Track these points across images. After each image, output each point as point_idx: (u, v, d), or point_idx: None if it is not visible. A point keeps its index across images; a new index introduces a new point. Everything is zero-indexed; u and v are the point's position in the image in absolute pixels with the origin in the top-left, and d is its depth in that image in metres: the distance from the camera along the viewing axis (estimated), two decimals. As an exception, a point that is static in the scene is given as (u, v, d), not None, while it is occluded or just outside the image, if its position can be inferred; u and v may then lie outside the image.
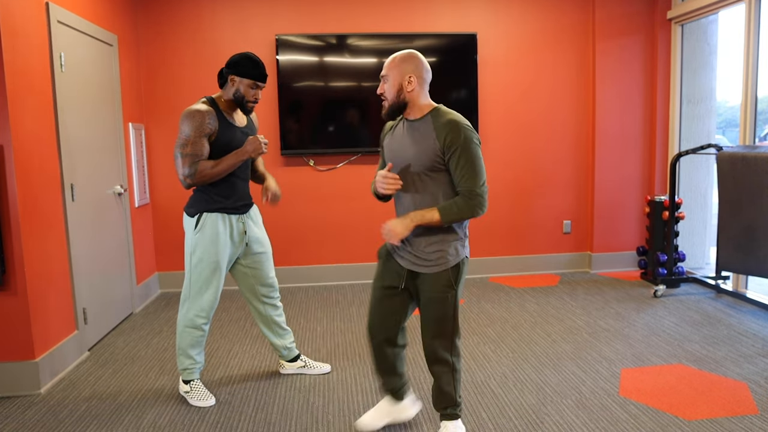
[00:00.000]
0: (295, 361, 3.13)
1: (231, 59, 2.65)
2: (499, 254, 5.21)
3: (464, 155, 2.04)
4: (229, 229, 2.73)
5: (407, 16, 4.87)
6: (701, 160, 5.11)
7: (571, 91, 5.11)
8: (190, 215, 2.71)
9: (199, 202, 2.69)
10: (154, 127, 4.76)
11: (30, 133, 2.98)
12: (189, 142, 2.56)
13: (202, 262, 2.69)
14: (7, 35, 2.80)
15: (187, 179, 2.59)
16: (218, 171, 2.62)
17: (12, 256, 2.87)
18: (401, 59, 2.11)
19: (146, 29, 4.68)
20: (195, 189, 2.73)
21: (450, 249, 2.15)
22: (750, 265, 3.75)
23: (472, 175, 2.05)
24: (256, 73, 2.64)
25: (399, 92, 2.11)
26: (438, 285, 2.16)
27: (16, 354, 2.93)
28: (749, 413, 2.56)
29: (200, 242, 2.68)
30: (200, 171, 2.59)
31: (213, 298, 2.75)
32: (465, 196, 2.07)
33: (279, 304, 3.04)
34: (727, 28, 5.01)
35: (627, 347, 3.38)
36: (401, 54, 2.13)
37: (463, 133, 2.03)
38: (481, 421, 2.56)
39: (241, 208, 2.78)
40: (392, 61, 2.12)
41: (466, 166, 2.04)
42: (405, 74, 2.10)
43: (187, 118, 2.56)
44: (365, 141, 4.83)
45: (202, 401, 2.79)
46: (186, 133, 2.56)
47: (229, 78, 2.65)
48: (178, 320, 2.79)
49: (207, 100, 2.66)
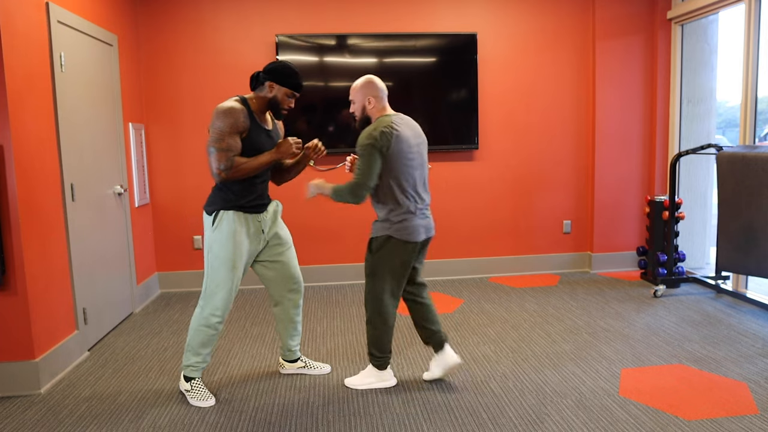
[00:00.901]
0: (296, 362, 3.13)
1: (270, 66, 2.70)
2: (499, 254, 5.21)
3: (359, 154, 2.68)
4: (246, 227, 2.76)
5: (407, 16, 4.87)
6: (701, 160, 5.11)
7: (571, 91, 5.11)
8: (209, 213, 2.75)
9: (217, 201, 2.73)
10: (154, 127, 4.76)
11: (30, 133, 2.98)
12: (224, 137, 2.60)
13: (218, 259, 2.72)
14: (7, 35, 2.80)
15: (222, 173, 2.62)
16: (252, 167, 2.67)
17: (12, 256, 2.87)
18: (361, 86, 2.78)
19: (146, 29, 4.68)
20: (214, 187, 2.77)
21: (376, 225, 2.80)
22: (750, 265, 3.75)
23: (357, 169, 2.67)
24: (295, 83, 2.73)
25: (363, 110, 2.81)
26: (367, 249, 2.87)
27: (16, 354, 2.93)
28: (749, 413, 2.56)
29: (217, 239, 2.71)
30: (236, 166, 2.63)
31: (228, 297, 2.76)
32: (350, 183, 2.69)
33: (300, 303, 3.06)
34: (727, 28, 5.01)
35: (627, 347, 3.38)
36: (361, 81, 2.78)
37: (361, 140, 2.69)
38: (481, 421, 2.57)
39: (259, 207, 2.81)
40: (355, 88, 2.79)
41: (358, 162, 2.69)
42: (365, 97, 2.77)
43: (222, 114, 2.60)
44: (365, 141, 4.82)
45: (202, 401, 2.79)
46: (221, 128, 2.60)
47: (268, 84, 2.70)
48: (192, 317, 2.80)
49: (240, 99, 2.71)
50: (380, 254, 2.77)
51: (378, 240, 2.78)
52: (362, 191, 2.66)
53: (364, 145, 2.66)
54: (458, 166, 5.05)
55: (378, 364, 2.90)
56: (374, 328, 2.85)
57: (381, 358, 2.89)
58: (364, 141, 2.66)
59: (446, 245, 5.14)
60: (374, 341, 2.87)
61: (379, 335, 2.84)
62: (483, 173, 5.09)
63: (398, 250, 2.74)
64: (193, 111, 4.78)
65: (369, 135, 2.66)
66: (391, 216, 2.74)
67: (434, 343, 2.93)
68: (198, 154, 4.82)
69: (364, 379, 2.93)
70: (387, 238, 2.75)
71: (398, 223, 2.73)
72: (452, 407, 2.70)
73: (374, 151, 2.64)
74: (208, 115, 4.78)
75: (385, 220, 2.76)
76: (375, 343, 2.87)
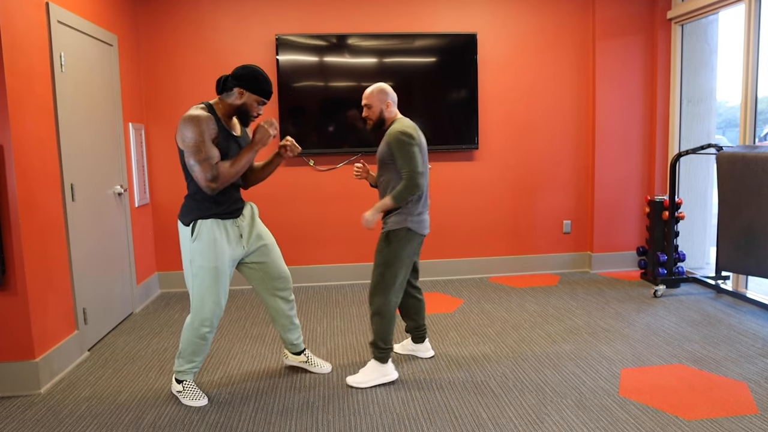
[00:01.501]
0: (299, 354, 3.15)
1: (240, 72, 2.60)
2: (499, 254, 5.21)
3: (397, 151, 2.83)
4: (225, 234, 2.69)
5: (407, 16, 4.87)
6: (701, 160, 5.11)
7: (571, 91, 5.11)
8: (185, 224, 2.66)
9: (192, 210, 2.65)
10: (154, 127, 4.76)
11: (30, 133, 2.98)
12: (200, 148, 2.49)
13: (203, 269, 2.65)
14: (7, 35, 2.80)
15: (211, 184, 2.53)
16: (238, 169, 2.59)
17: (12, 256, 2.87)
18: (379, 92, 2.96)
19: (146, 29, 4.68)
20: (186, 196, 2.69)
21: (393, 218, 2.92)
22: (750, 265, 3.75)
23: (404, 165, 2.81)
24: (266, 90, 2.63)
25: (380, 114, 2.98)
26: (379, 241, 2.98)
27: (16, 354, 2.93)
28: (749, 413, 2.56)
29: (198, 250, 2.64)
30: (222, 173, 2.55)
31: (216, 306, 2.71)
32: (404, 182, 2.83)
33: (291, 297, 3.03)
34: (727, 28, 5.02)
35: (627, 347, 3.38)
36: (377, 87, 2.96)
37: (395, 138, 2.84)
38: (481, 421, 2.57)
39: (235, 212, 2.74)
40: (372, 93, 2.96)
41: (400, 159, 2.83)
42: (384, 101, 2.96)
43: (189, 124, 2.48)
44: (365, 141, 4.83)
45: (194, 401, 2.80)
46: (193, 138, 2.48)
47: (237, 90, 2.61)
48: (184, 327, 2.78)
49: (205, 106, 2.60)
50: (397, 246, 2.89)
51: (397, 232, 2.89)
52: (419, 179, 2.81)
53: (400, 140, 2.81)
54: (458, 166, 5.05)
55: (381, 357, 2.96)
56: (381, 319, 2.92)
57: (385, 350, 2.95)
58: (400, 137, 2.81)
59: (446, 245, 5.14)
60: (381, 333, 2.93)
61: (386, 326, 2.93)
62: (483, 173, 5.09)
63: (413, 241, 2.92)
64: (193, 111, 4.77)
65: (402, 132, 2.81)
66: (411, 209, 2.90)
67: (418, 336, 3.29)
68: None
69: (367, 376, 2.96)
70: (406, 230, 2.89)
71: (417, 216, 2.92)
72: (452, 407, 2.70)
73: (413, 144, 2.82)
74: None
75: (402, 213, 2.89)
76: (381, 334, 2.93)
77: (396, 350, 3.40)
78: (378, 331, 2.93)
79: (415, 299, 3.23)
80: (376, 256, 2.95)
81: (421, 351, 3.33)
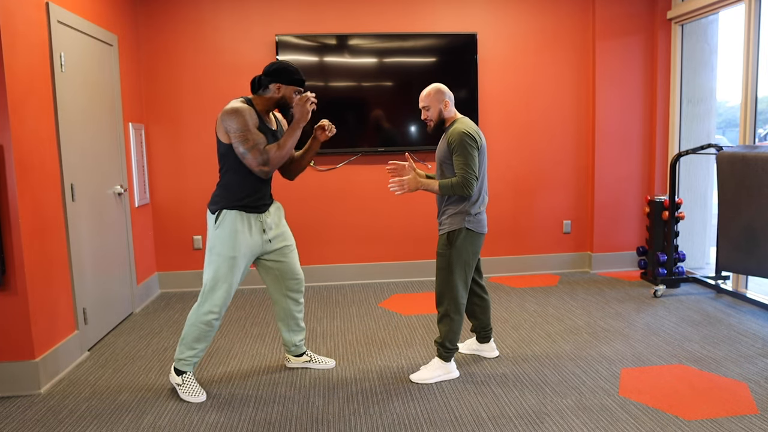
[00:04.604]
0: (301, 356, 3.16)
1: (273, 67, 2.72)
2: (499, 254, 5.21)
3: (457, 152, 2.83)
4: (248, 226, 2.77)
5: (407, 16, 4.87)
6: (701, 160, 5.11)
7: (571, 91, 5.11)
8: (212, 212, 2.77)
9: (220, 200, 2.75)
10: (154, 127, 4.76)
11: (30, 133, 2.98)
12: (246, 136, 2.62)
13: (220, 256, 2.73)
14: (7, 35, 2.80)
15: (264, 168, 2.66)
16: (286, 150, 2.70)
17: (12, 256, 2.87)
18: (435, 92, 2.93)
19: (146, 29, 4.68)
20: (218, 185, 2.78)
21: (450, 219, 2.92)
22: (750, 265, 3.75)
23: (462, 165, 2.81)
24: (299, 80, 2.77)
25: (440, 114, 2.95)
26: (440, 243, 2.97)
27: (16, 354, 2.94)
28: (749, 413, 2.56)
29: (219, 237, 2.73)
30: (272, 156, 2.67)
31: (226, 295, 2.77)
32: (458, 179, 2.83)
33: (302, 300, 3.09)
34: (727, 28, 5.01)
35: (627, 347, 3.38)
36: (433, 88, 2.94)
37: (457, 139, 2.84)
38: (481, 421, 2.57)
39: (261, 207, 2.83)
40: (429, 95, 2.94)
41: (459, 159, 2.83)
42: (441, 101, 2.93)
43: (233, 115, 2.60)
44: (365, 141, 4.83)
45: (194, 396, 2.81)
46: (239, 129, 2.61)
47: (273, 86, 2.73)
48: (190, 312, 2.81)
49: (244, 100, 2.73)
50: (460, 246, 2.89)
51: (458, 233, 2.89)
52: (472, 182, 2.80)
53: (462, 141, 2.80)
54: (458, 166, 5.05)
55: (448, 356, 2.98)
56: (451, 321, 2.92)
57: (452, 350, 2.98)
58: (462, 138, 2.81)
59: (446, 245, 5.13)
60: (449, 335, 2.94)
61: (456, 328, 2.94)
62: (483, 173, 5.09)
63: (475, 241, 2.93)
64: (193, 111, 4.78)
65: (464, 133, 2.81)
66: (470, 208, 2.90)
67: (484, 335, 3.26)
68: (198, 154, 4.82)
69: (432, 372, 2.99)
70: (466, 230, 2.90)
71: (476, 215, 2.92)
72: (452, 407, 2.70)
73: (474, 146, 2.82)
74: (208, 115, 4.78)
75: (461, 213, 2.89)
76: (450, 336, 2.94)
77: (460, 350, 3.36)
78: (446, 332, 2.94)
79: (480, 298, 3.22)
80: (438, 259, 2.94)
81: (486, 351, 3.30)
